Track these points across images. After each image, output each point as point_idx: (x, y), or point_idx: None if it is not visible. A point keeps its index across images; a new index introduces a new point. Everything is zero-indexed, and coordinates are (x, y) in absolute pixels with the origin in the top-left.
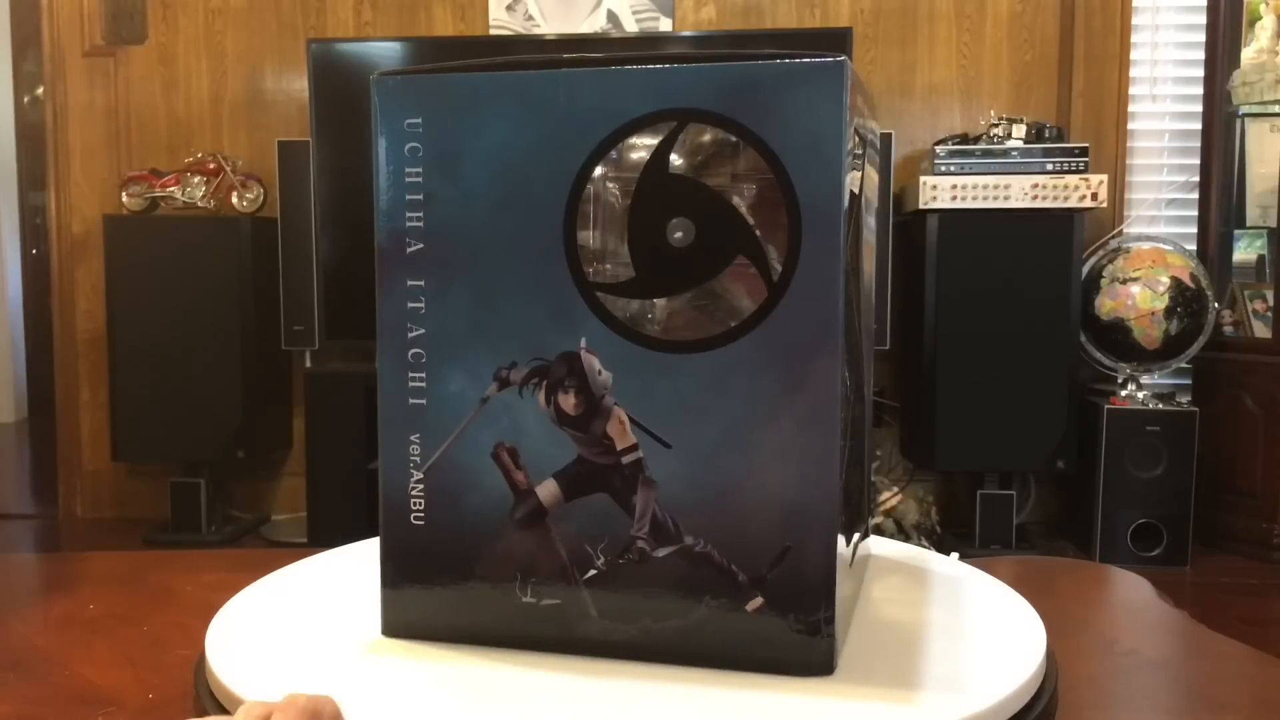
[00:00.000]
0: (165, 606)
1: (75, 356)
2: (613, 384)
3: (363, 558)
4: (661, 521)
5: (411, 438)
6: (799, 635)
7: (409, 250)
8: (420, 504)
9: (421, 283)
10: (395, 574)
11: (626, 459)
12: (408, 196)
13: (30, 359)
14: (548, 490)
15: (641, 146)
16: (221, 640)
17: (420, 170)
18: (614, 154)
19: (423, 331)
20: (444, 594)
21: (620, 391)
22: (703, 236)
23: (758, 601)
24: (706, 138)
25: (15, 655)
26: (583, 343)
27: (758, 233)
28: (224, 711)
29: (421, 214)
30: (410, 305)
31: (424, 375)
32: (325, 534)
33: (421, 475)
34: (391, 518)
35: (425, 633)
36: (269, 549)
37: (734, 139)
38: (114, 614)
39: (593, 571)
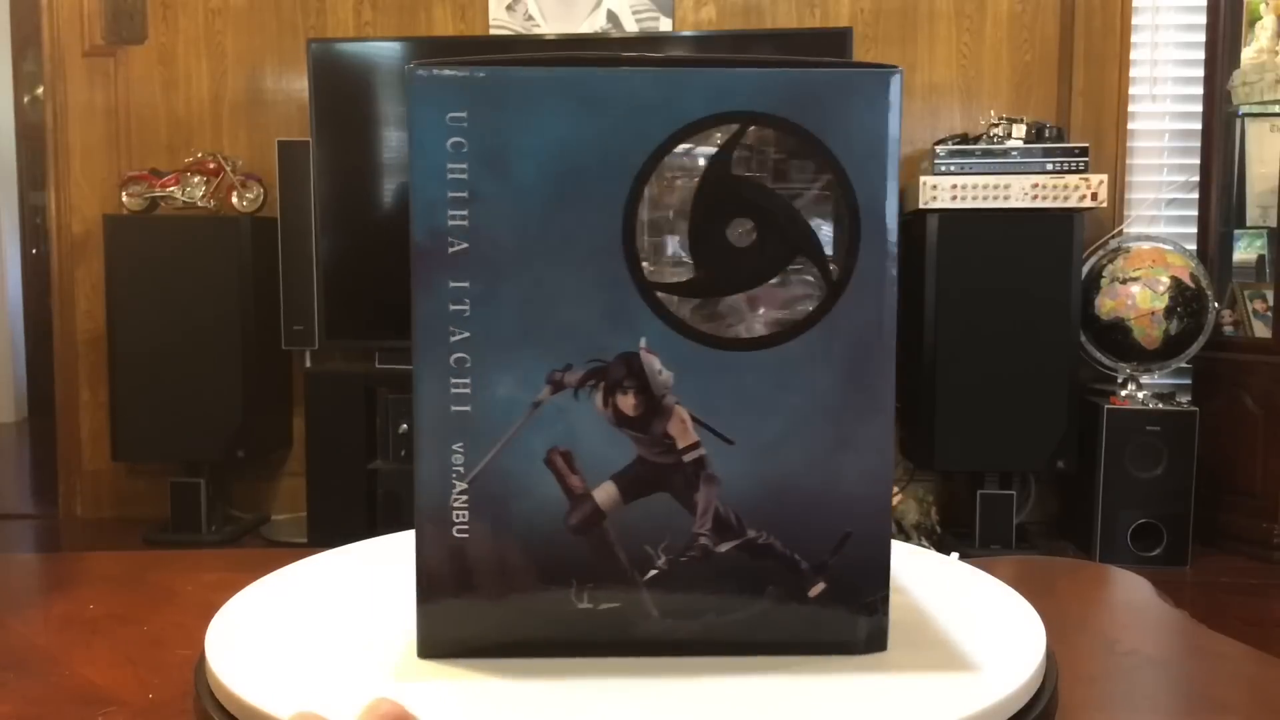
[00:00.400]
0: (165, 606)
1: (75, 356)
2: (673, 383)
3: (363, 558)
4: (724, 517)
5: (454, 446)
6: (857, 615)
7: (451, 250)
8: (464, 515)
9: (466, 284)
10: (434, 590)
11: (688, 457)
12: (450, 194)
13: (30, 359)
14: (606, 493)
15: (702, 148)
16: (221, 640)
17: (465, 166)
18: (674, 154)
19: (467, 335)
20: (490, 607)
21: (680, 390)
22: (763, 236)
23: (820, 587)
24: (767, 141)
25: (15, 655)
26: (643, 343)
27: (816, 234)
28: (227, 714)
29: (466, 212)
30: (453, 308)
31: (468, 381)
32: (325, 534)
33: (466, 485)
34: (431, 531)
35: (470, 649)
36: (269, 549)
37: (794, 142)
38: (114, 614)
39: (654, 572)
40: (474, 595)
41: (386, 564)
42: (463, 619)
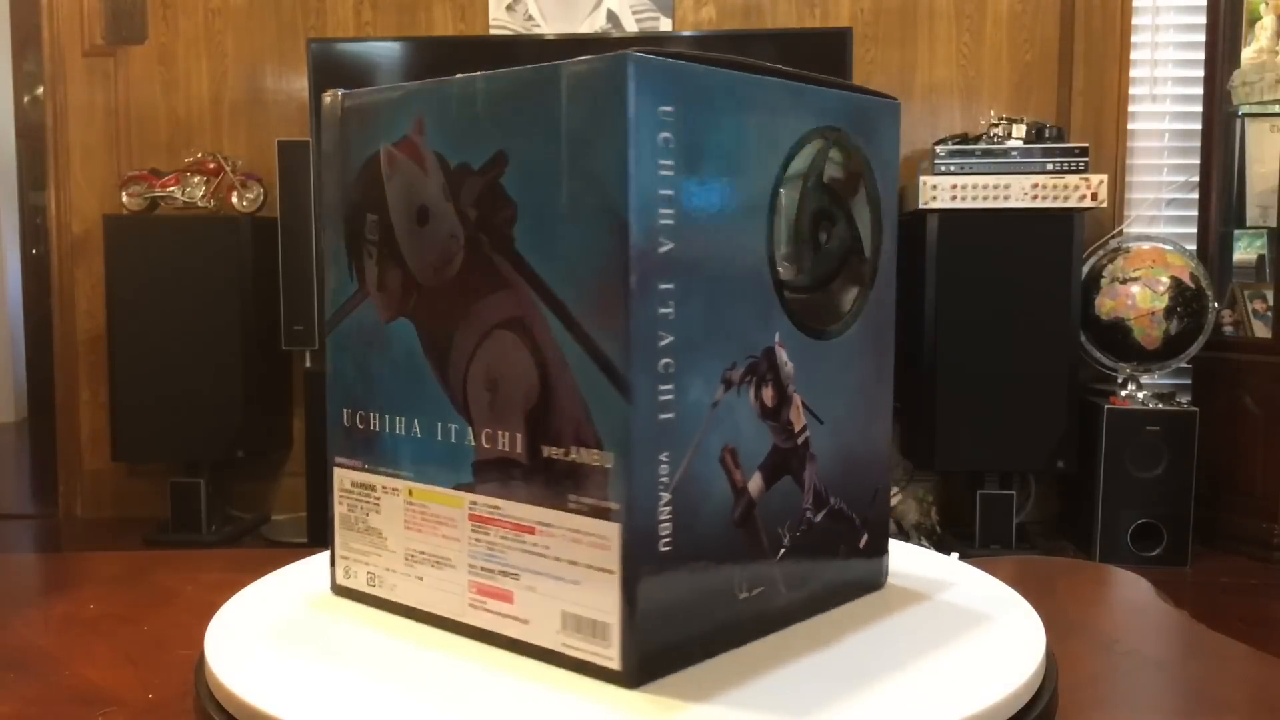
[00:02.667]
0: (165, 606)
1: (75, 356)
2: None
3: None
4: (819, 490)
5: (661, 457)
6: (882, 556)
7: (660, 250)
8: (668, 528)
9: (672, 286)
10: (644, 615)
11: (800, 439)
12: (660, 191)
13: (30, 359)
14: (755, 484)
15: (805, 157)
16: (221, 640)
17: (671, 163)
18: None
19: (671, 339)
20: (687, 618)
21: (796, 379)
22: (838, 237)
23: (865, 538)
24: (836, 153)
25: (15, 655)
26: (776, 338)
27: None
28: (227, 714)
29: (672, 211)
30: (661, 311)
31: (672, 387)
32: (325, 534)
33: (670, 496)
34: (639, 552)
35: (673, 665)
36: (269, 549)
37: (853, 155)
38: (114, 614)
39: (782, 550)
40: (674, 611)
41: None
42: (667, 636)
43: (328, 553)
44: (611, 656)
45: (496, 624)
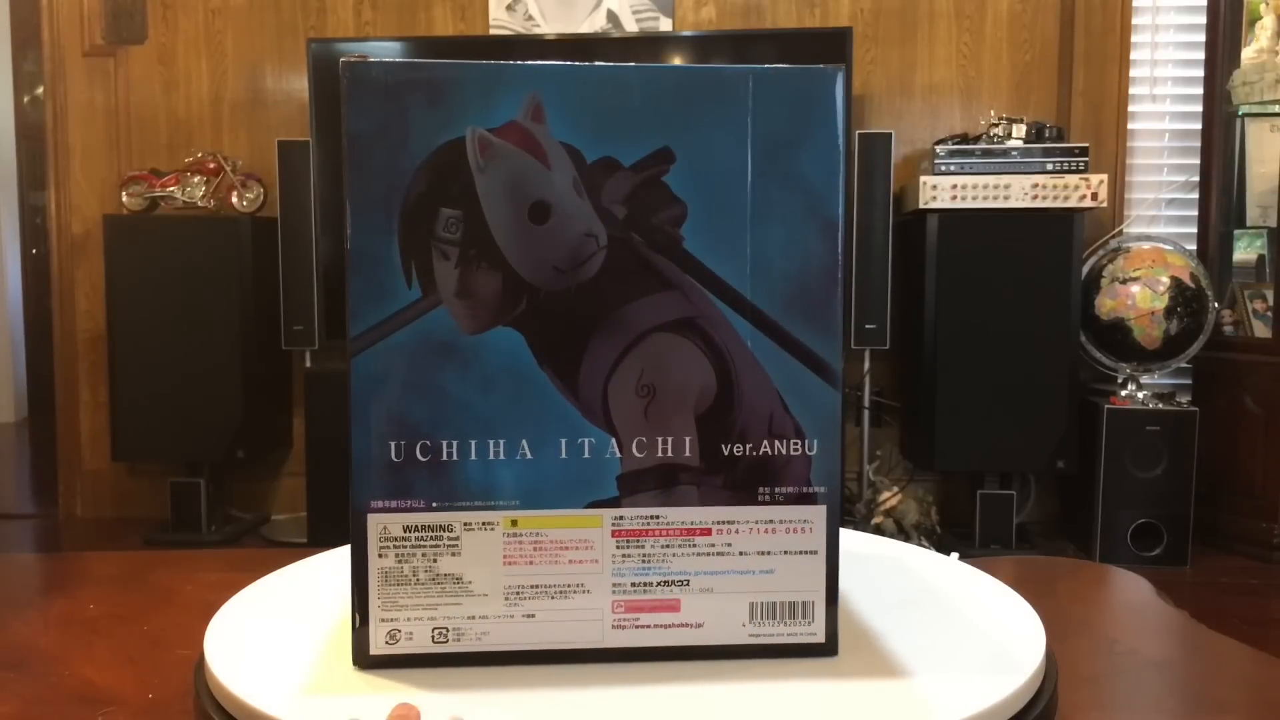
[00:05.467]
0: (165, 606)
1: (75, 356)
2: None
3: None
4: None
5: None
6: None
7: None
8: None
9: (841, 277)
10: (834, 587)
11: None
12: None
13: (30, 359)
14: None
15: None
16: (221, 640)
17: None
18: None
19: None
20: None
21: None
22: None
23: None
24: None
25: (15, 655)
26: None
27: None
28: (227, 714)
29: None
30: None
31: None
32: (325, 534)
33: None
34: (838, 529)
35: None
36: (269, 549)
37: None
38: (114, 614)
39: None
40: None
41: None
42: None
43: (328, 552)
44: (815, 631)
45: (657, 638)
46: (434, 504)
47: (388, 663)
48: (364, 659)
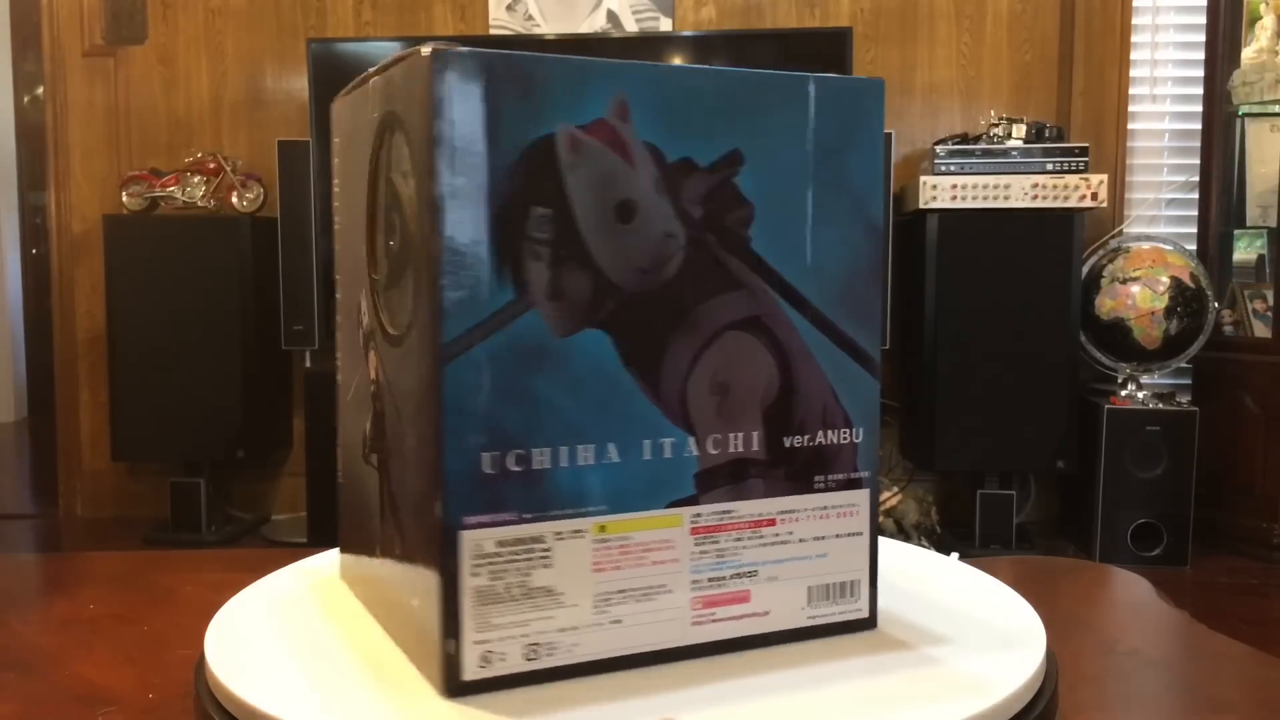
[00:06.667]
0: (165, 606)
1: (75, 356)
2: None
3: None
4: None
5: None
6: None
7: None
8: None
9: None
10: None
11: None
12: None
13: (30, 359)
14: None
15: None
16: (221, 640)
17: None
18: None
19: None
20: None
21: None
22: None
23: None
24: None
25: (15, 655)
26: None
27: None
28: (227, 714)
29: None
30: None
31: None
32: (325, 534)
33: None
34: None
35: None
36: (269, 549)
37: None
38: (114, 614)
39: None
40: None
41: None
42: None
43: (328, 552)
44: (861, 607)
45: (730, 629)
46: (526, 515)
47: (481, 687)
48: (457, 686)
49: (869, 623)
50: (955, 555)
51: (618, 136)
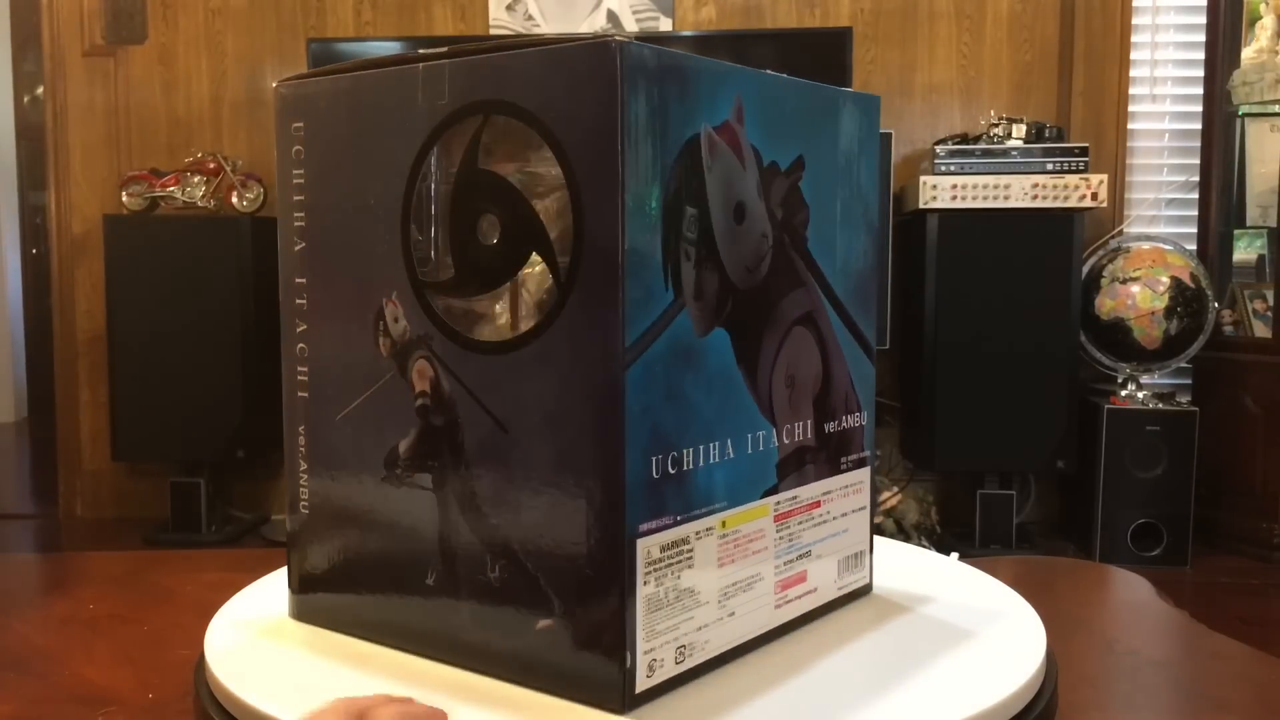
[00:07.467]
0: (165, 606)
1: (75, 356)
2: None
3: None
4: None
5: None
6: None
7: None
8: None
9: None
10: None
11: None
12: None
13: (30, 359)
14: None
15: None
16: (221, 640)
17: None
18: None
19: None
20: None
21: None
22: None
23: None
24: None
25: (15, 655)
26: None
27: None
28: (227, 714)
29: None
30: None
31: None
32: None
33: None
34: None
35: None
36: (269, 549)
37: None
38: (114, 614)
39: None
40: None
41: None
42: None
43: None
44: (865, 575)
45: (798, 608)
46: (678, 519)
47: (647, 697)
48: (631, 701)
49: (869, 589)
50: (955, 555)
51: (737, 139)
